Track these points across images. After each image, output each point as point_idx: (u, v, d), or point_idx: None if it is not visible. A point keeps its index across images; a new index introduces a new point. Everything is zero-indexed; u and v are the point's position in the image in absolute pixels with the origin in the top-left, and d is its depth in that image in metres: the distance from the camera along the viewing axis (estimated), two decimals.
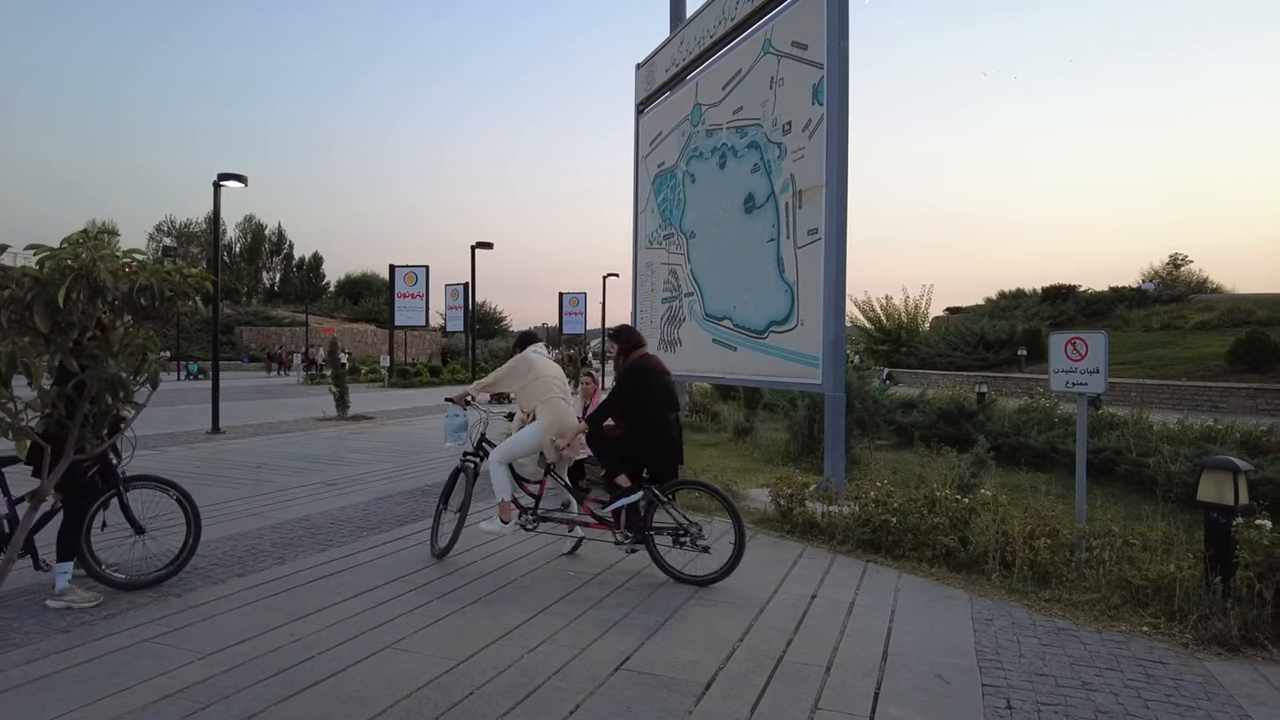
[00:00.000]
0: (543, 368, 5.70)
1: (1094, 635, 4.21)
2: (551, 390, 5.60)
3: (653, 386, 5.28)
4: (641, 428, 5.24)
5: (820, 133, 8.07)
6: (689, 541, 5.06)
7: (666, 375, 5.50)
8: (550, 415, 5.50)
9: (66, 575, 4.54)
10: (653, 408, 5.24)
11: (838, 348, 7.84)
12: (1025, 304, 40.62)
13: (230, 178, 13.10)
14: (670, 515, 5.17)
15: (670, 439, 5.31)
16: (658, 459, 5.27)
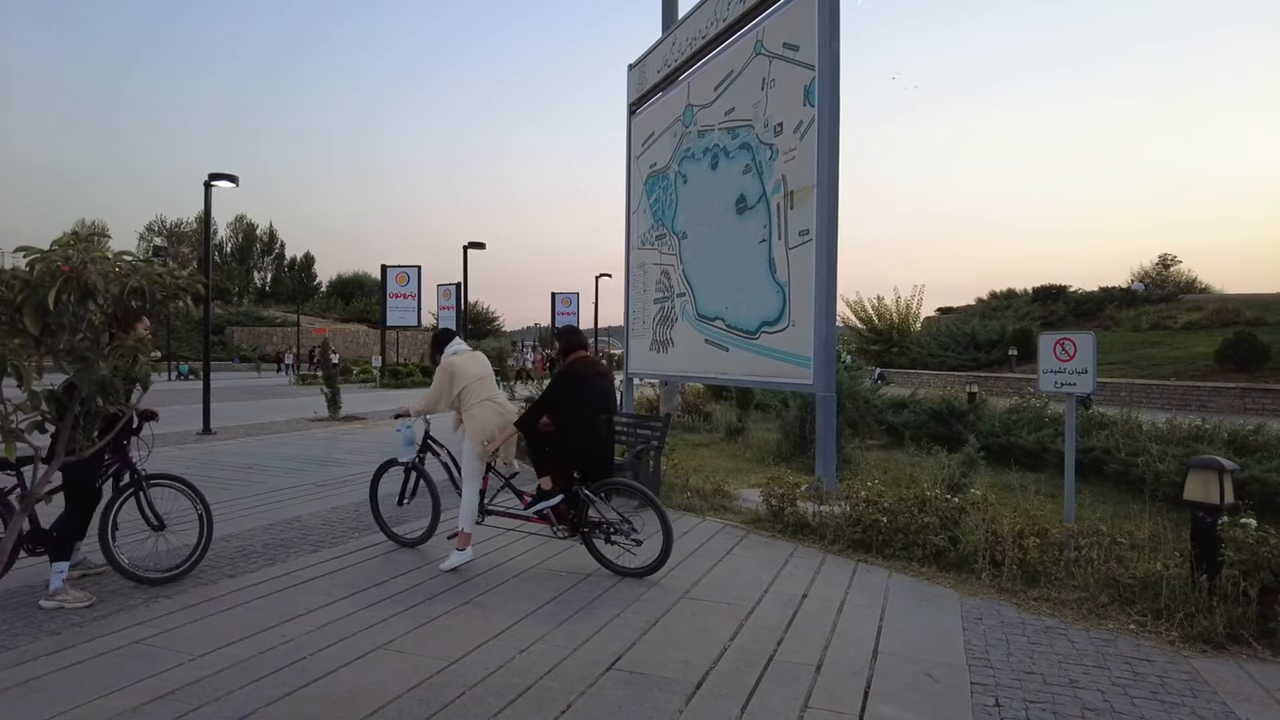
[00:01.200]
0: (466, 372, 5.54)
1: (1082, 633, 4.25)
2: (475, 396, 5.51)
3: (585, 389, 5.32)
4: (570, 428, 5.30)
5: (812, 134, 8.09)
6: (622, 536, 5.19)
7: (603, 379, 5.51)
8: (474, 425, 5.47)
9: (61, 575, 4.56)
10: (583, 409, 5.29)
11: (829, 348, 7.86)
12: (1016, 304, 40.81)
13: (221, 177, 13.05)
14: (600, 512, 5.28)
15: (598, 440, 5.34)
16: (586, 459, 5.32)
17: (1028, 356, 30.67)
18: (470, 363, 5.64)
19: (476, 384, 5.56)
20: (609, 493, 5.46)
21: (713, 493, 7.70)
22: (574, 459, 5.34)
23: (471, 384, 5.53)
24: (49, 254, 1.99)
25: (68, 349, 2.06)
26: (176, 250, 68.02)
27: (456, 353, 5.67)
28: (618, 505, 5.45)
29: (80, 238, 2.06)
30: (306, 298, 71.23)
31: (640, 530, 5.23)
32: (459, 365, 5.56)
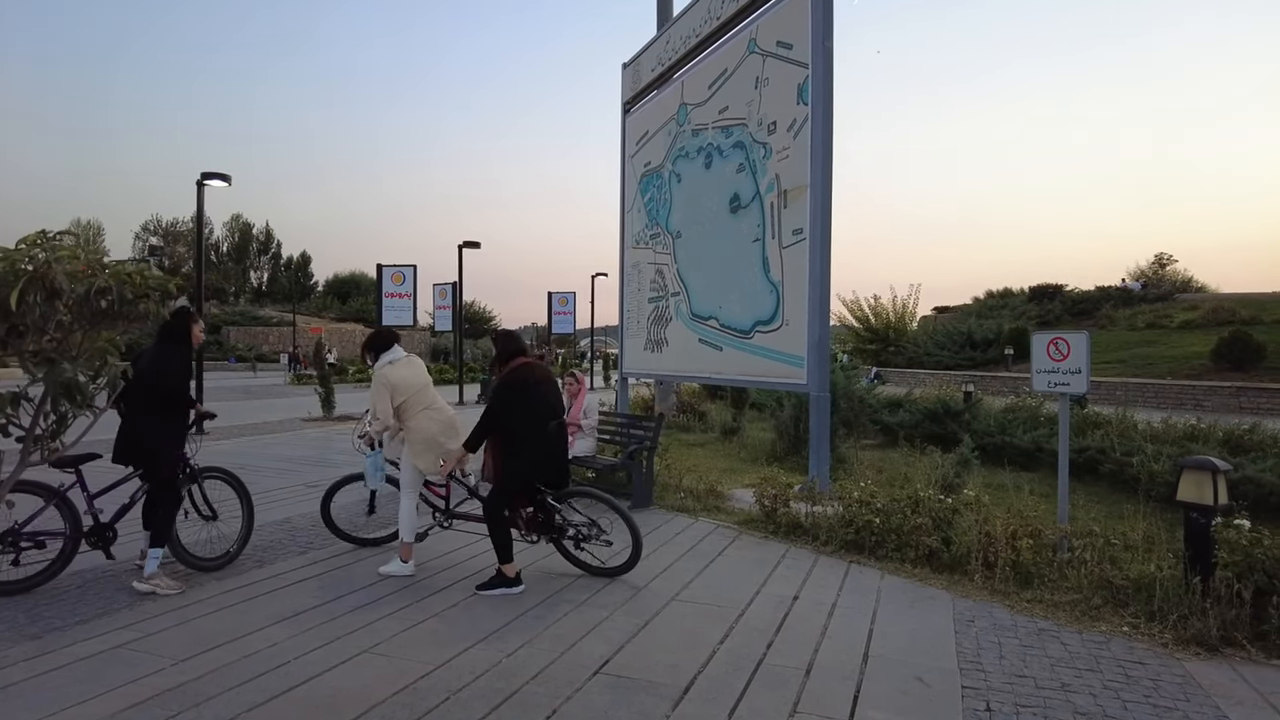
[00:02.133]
0: (404, 384, 5.26)
1: (1075, 636, 4.21)
2: (418, 403, 5.28)
3: (533, 396, 4.97)
4: (520, 439, 4.95)
5: (805, 133, 8.05)
6: (592, 539, 5.17)
7: (548, 384, 5.16)
8: (413, 437, 5.26)
9: (156, 560, 4.82)
10: (535, 418, 4.95)
11: (822, 348, 7.82)
12: (1012, 303, 40.83)
13: (213, 176, 12.98)
14: (566, 519, 5.22)
15: (550, 448, 5.04)
16: (545, 469, 5.05)
17: (1023, 356, 30.66)
18: (407, 372, 5.33)
19: (414, 394, 5.29)
20: (571, 500, 5.29)
21: (706, 493, 7.66)
22: (533, 471, 5.04)
23: (410, 396, 5.27)
24: (11, 253, 1.94)
25: (34, 351, 2.01)
26: (173, 249, 67.86)
27: (392, 362, 5.31)
28: (584, 506, 5.34)
29: (47, 236, 2.01)
30: (303, 297, 71.12)
31: (609, 531, 5.17)
32: (395, 377, 5.25)
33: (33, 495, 4.69)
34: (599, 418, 8.52)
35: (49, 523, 4.77)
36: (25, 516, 4.70)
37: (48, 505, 4.76)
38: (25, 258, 1.96)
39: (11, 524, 4.66)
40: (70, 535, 4.82)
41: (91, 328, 2.13)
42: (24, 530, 4.67)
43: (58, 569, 4.81)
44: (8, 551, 4.64)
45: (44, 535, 4.73)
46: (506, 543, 4.94)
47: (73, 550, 4.84)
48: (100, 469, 4.98)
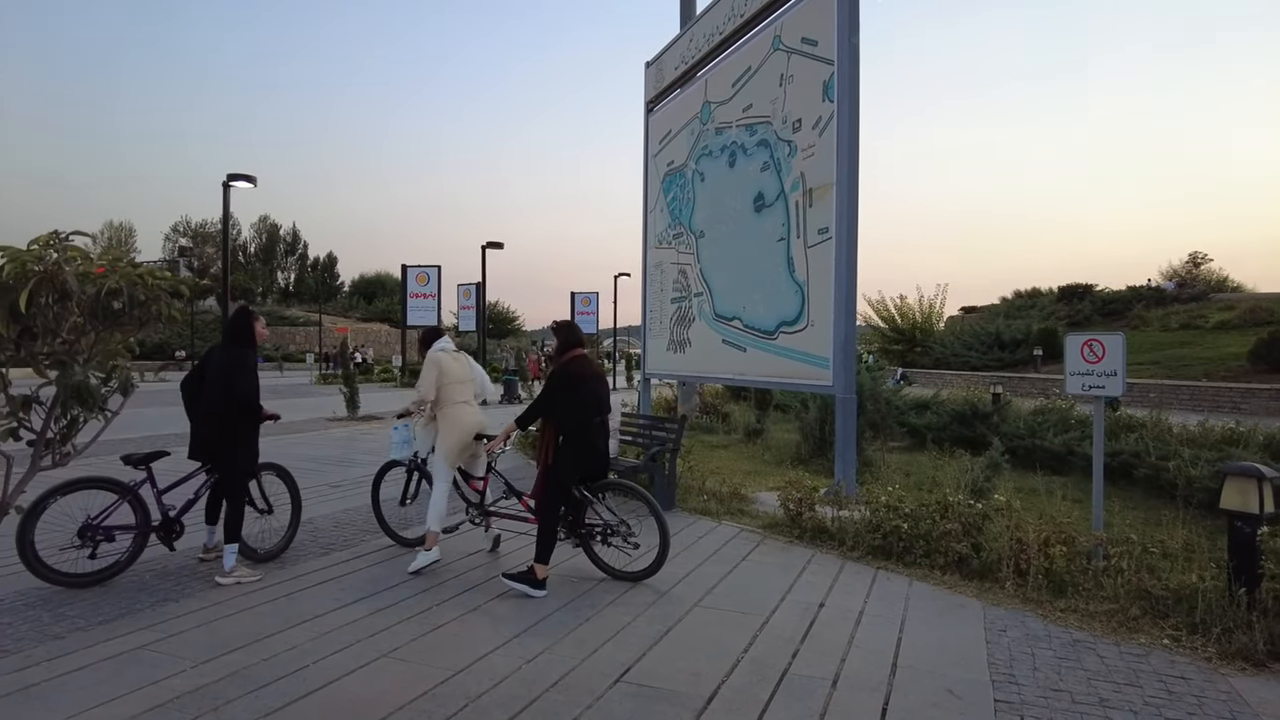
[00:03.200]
0: (450, 372, 5.57)
1: (1112, 647, 4.07)
2: (455, 396, 5.52)
3: (583, 390, 5.07)
4: (566, 431, 5.06)
5: (831, 130, 7.94)
6: (619, 539, 5.10)
7: (599, 380, 5.26)
8: (446, 425, 5.46)
9: (234, 554, 5.07)
10: (582, 411, 5.05)
11: (848, 348, 7.70)
12: (1041, 303, 40.17)
13: (239, 178, 13.10)
14: (599, 514, 5.18)
15: (593, 442, 5.11)
16: (586, 462, 5.12)
17: (1053, 357, 30.17)
18: (453, 363, 5.64)
19: (456, 385, 5.55)
20: (606, 493, 5.34)
21: (729, 496, 7.56)
22: (573, 462, 5.09)
23: (449, 385, 5.53)
24: (21, 253, 1.91)
25: (46, 353, 1.98)
26: (201, 251, 68.87)
27: (443, 349, 5.69)
28: (615, 505, 5.33)
29: (59, 236, 1.97)
30: (329, 297, 71.86)
31: (638, 533, 5.13)
32: (444, 361, 5.58)
33: (107, 491, 4.90)
34: (621, 418, 8.46)
35: (121, 517, 4.94)
36: (98, 511, 4.85)
37: (121, 501, 4.94)
38: (35, 258, 1.93)
39: (86, 518, 4.82)
40: (141, 529, 5.02)
41: (104, 330, 2.09)
42: (101, 525, 4.83)
43: (128, 562, 5.01)
44: (86, 545, 4.79)
45: (117, 529, 4.90)
46: (551, 543, 4.99)
47: (142, 544, 5.06)
48: (165, 464, 5.27)
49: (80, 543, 4.78)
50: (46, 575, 4.70)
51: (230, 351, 5.10)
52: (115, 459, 5.03)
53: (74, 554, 4.78)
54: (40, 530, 4.64)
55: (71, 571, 4.78)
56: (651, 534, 5.09)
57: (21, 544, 4.57)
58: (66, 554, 4.77)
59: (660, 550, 5.06)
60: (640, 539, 5.12)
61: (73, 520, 4.83)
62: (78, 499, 4.79)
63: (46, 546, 4.71)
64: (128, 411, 3.55)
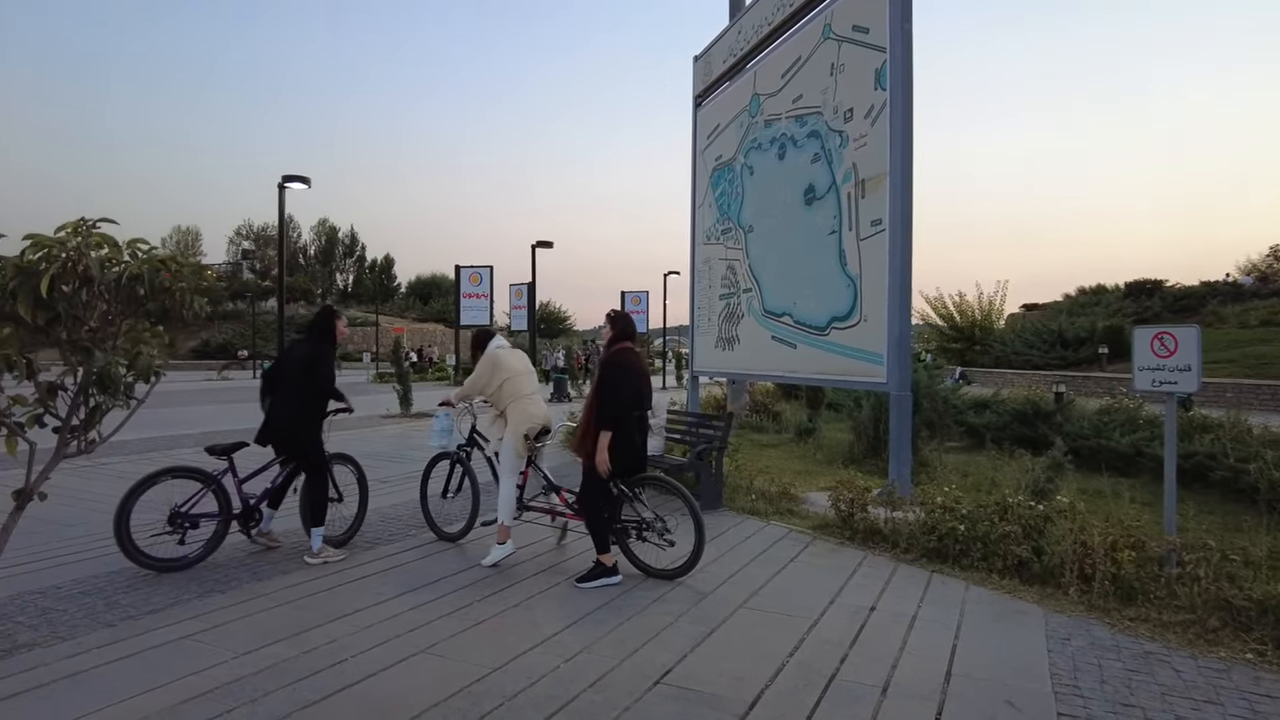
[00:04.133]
0: (509, 366, 5.60)
1: (1188, 661, 3.80)
2: (520, 389, 5.55)
3: (626, 383, 5.04)
4: (605, 424, 4.99)
5: (884, 119, 7.70)
6: (655, 535, 5.02)
7: (643, 376, 5.22)
8: (515, 415, 5.48)
9: (320, 536, 5.38)
10: (621, 404, 5.00)
11: (903, 344, 7.45)
12: (1106, 300, 38.68)
13: (294, 179, 13.38)
14: (635, 510, 5.12)
15: (631, 436, 5.04)
16: (623, 456, 5.03)
17: (1119, 355, 29.04)
18: (512, 357, 5.70)
19: (519, 378, 5.59)
20: (643, 489, 5.24)
21: (778, 496, 7.38)
22: (611, 458, 5.01)
23: (513, 378, 5.57)
24: (45, 239, 1.90)
25: (71, 340, 1.97)
26: (263, 253, 70.93)
27: (500, 346, 5.77)
28: (655, 502, 5.23)
29: (86, 222, 1.96)
30: (386, 298, 73.34)
31: (674, 530, 5.02)
32: (503, 358, 5.63)
33: (192, 480, 5.17)
34: (667, 416, 8.35)
35: (206, 506, 5.19)
36: (184, 500, 5.11)
37: (206, 490, 5.18)
38: (59, 244, 1.91)
39: (174, 506, 5.07)
40: (223, 517, 5.25)
41: (129, 316, 2.07)
42: (188, 512, 5.09)
43: (212, 548, 5.23)
44: (176, 531, 5.05)
45: (201, 517, 5.14)
46: (603, 531, 5.02)
47: (224, 531, 5.28)
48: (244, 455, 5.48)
49: (170, 529, 5.02)
50: (140, 559, 4.91)
51: (312, 346, 5.46)
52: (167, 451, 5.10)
53: (164, 540, 5.02)
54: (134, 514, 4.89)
55: (162, 556, 4.99)
56: (687, 532, 4.97)
57: (118, 529, 4.81)
58: (158, 540, 5.00)
59: (695, 548, 4.94)
60: (677, 536, 5.01)
61: (157, 509, 5.04)
62: (170, 489, 5.07)
63: (139, 532, 4.91)
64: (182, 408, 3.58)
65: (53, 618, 4.19)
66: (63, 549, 5.51)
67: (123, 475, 8.43)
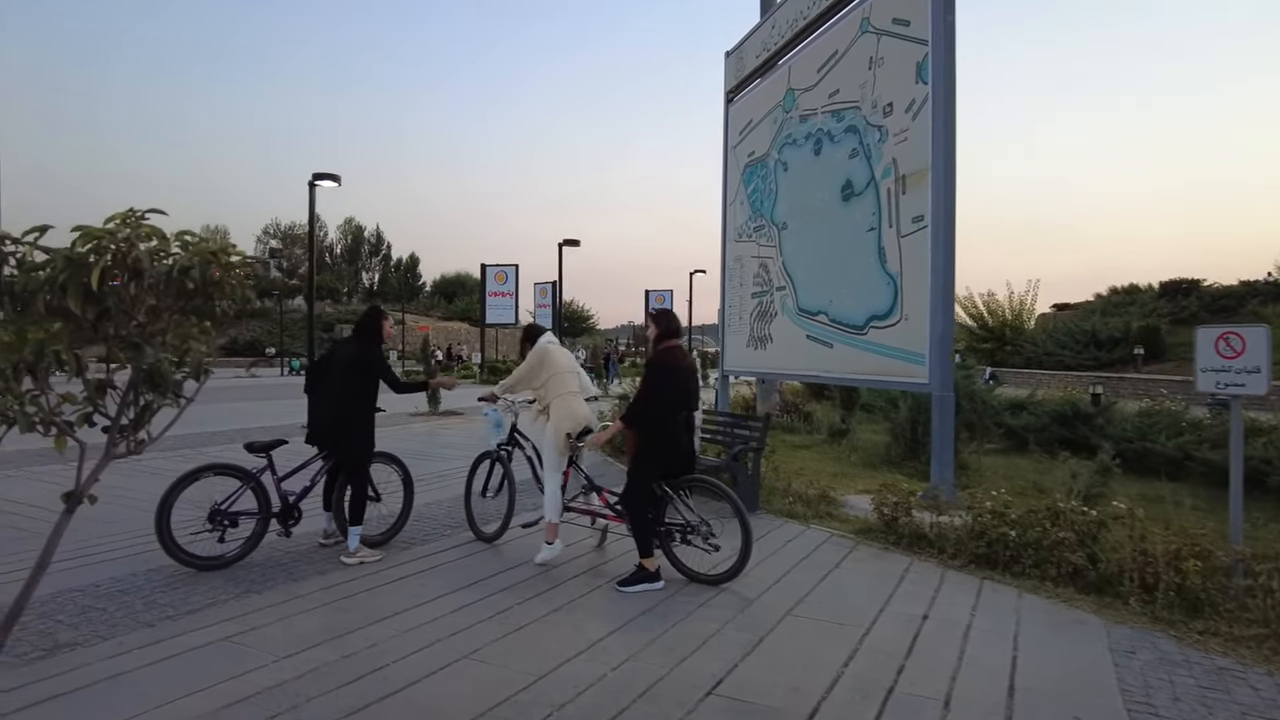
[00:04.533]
0: (557, 362, 5.55)
1: (1266, 679, 3.61)
2: (566, 385, 5.48)
3: (672, 382, 4.98)
4: (650, 423, 4.96)
5: (925, 113, 7.52)
6: (699, 539, 4.89)
7: (690, 374, 5.17)
8: (559, 411, 5.40)
9: (358, 536, 5.29)
10: (666, 404, 4.95)
11: (945, 344, 7.26)
12: (1140, 300, 37.87)
13: (324, 177, 13.40)
14: (679, 512, 4.99)
15: (675, 436, 4.97)
16: (667, 457, 4.97)
17: (1154, 356, 28.49)
18: (561, 355, 5.65)
19: (565, 376, 5.52)
20: (687, 490, 5.13)
21: (817, 499, 7.23)
22: (656, 456, 5.01)
23: (560, 374, 5.50)
24: (95, 231, 1.82)
25: (120, 335, 1.89)
26: (290, 252, 71.64)
27: (550, 342, 5.74)
28: (697, 505, 5.11)
29: (135, 213, 1.88)
30: (411, 297, 73.79)
31: (719, 534, 4.89)
32: (553, 353, 5.59)
33: (231, 478, 5.13)
34: (701, 416, 8.22)
35: (245, 503, 5.16)
36: (223, 497, 5.09)
37: (245, 488, 5.14)
38: (108, 234, 1.84)
39: (213, 503, 5.04)
40: (262, 515, 5.22)
41: (178, 312, 1.99)
42: (228, 510, 5.06)
43: (251, 547, 5.18)
44: (216, 529, 5.02)
45: (241, 515, 5.12)
46: (647, 534, 4.93)
47: (263, 530, 5.23)
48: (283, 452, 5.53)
49: (210, 527, 5.00)
50: (181, 557, 4.89)
51: (361, 346, 5.49)
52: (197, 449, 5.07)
53: (203, 538, 4.98)
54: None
55: (202, 554, 4.95)
56: (733, 536, 4.84)
57: (160, 525, 4.81)
58: (197, 538, 4.97)
59: (742, 553, 4.81)
60: (721, 541, 4.88)
61: (197, 506, 5.02)
62: (209, 486, 5.07)
63: (178, 529, 4.90)
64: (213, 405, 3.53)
65: (92, 616, 4.16)
66: (101, 546, 5.50)
67: (157, 472, 8.45)
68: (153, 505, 4.89)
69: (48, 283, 1.77)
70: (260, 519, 5.23)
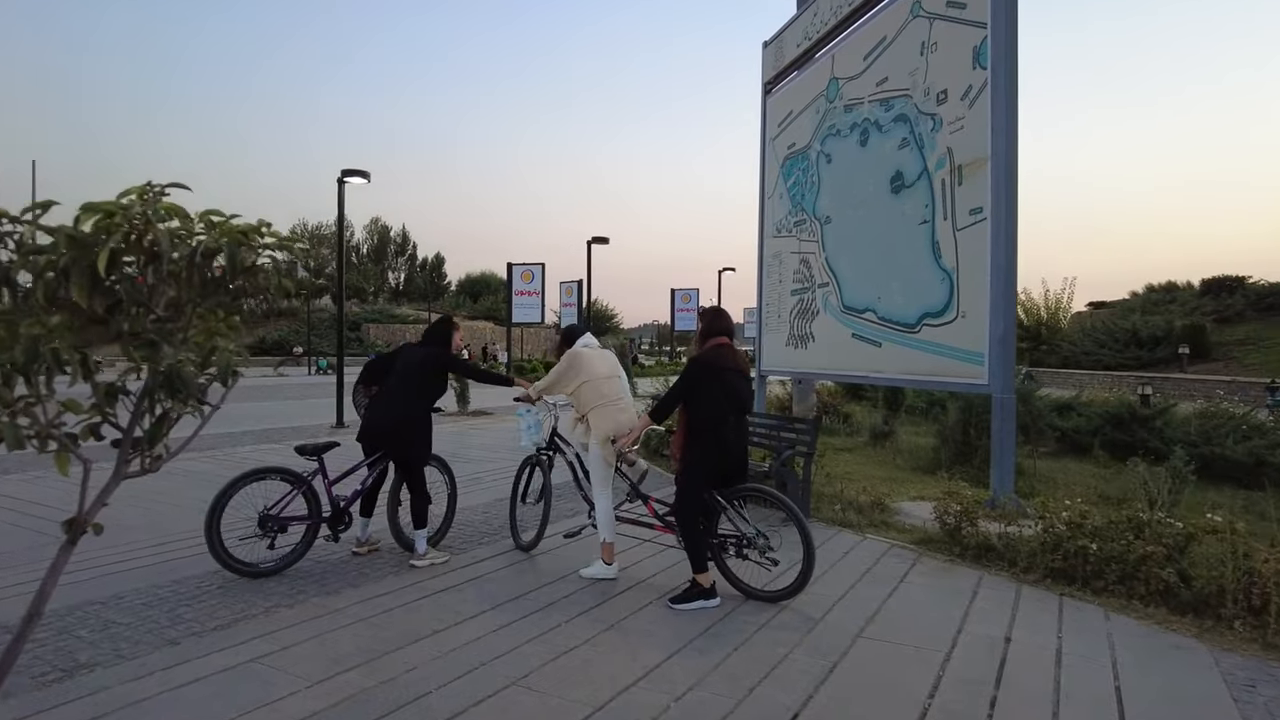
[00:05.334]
0: (592, 367, 5.16)
1: None
2: (601, 395, 5.08)
3: (719, 383, 4.60)
4: (697, 429, 4.61)
5: (984, 100, 7.11)
6: (756, 553, 4.54)
7: (739, 373, 4.74)
8: (598, 424, 5.03)
9: (424, 539, 5.19)
10: (714, 406, 4.57)
11: (1007, 343, 6.85)
12: (1181, 298, 36.78)
13: (353, 174, 13.21)
14: (733, 523, 4.62)
15: (727, 442, 4.59)
16: (714, 464, 4.62)
17: (1200, 355, 27.64)
18: (597, 360, 5.23)
19: (601, 382, 5.12)
20: (744, 501, 4.78)
21: (870, 506, 6.84)
22: (707, 466, 4.67)
23: (595, 381, 5.11)
24: (105, 205, 1.53)
25: (132, 331, 1.59)
26: (317, 251, 72.11)
27: (586, 345, 5.37)
28: (753, 516, 4.77)
29: (154, 187, 1.58)
30: (437, 296, 74.00)
31: (777, 547, 4.54)
32: (585, 357, 5.21)
33: (283, 482, 4.95)
34: None
35: (295, 508, 4.98)
36: (274, 501, 4.88)
37: (296, 492, 4.96)
38: (121, 209, 1.54)
39: (263, 508, 4.83)
40: (313, 520, 5.05)
41: (203, 304, 1.69)
42: (279, 515, 4.87)
43: (301, 552, 5.01)
44: (266, 536, 4.82)
45: (291, 520, 4.94)
46: (701, 547, 4.58)
47: (314, 535, 5.07)
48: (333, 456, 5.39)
49: (261, 533, 4.81)
50: (230, 564, 4.68)
51: (430, 351, 5.39)
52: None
53: (253, 543, 4.81)
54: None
55: (252, 561, 4.78)
56: (791, 548, 4.49)
57: (210, 532, 4.61)
58: (247, 543, 4.79)
59: (804, 567, 4.45)
60: (779, 554, 4.54)
61: (238, 509, 4.80)
62: (253, 491, 4.84)
63: (228, 535, 4.71)
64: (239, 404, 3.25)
65: (114, 632, 3.91)
66: (122, 554, 5.27)
67: (185, 473, 8.26)
68: (176, 510, 4.66)
69: (48, 268, 1.48)
70: (311, 524, 5.05)
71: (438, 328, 5.60)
